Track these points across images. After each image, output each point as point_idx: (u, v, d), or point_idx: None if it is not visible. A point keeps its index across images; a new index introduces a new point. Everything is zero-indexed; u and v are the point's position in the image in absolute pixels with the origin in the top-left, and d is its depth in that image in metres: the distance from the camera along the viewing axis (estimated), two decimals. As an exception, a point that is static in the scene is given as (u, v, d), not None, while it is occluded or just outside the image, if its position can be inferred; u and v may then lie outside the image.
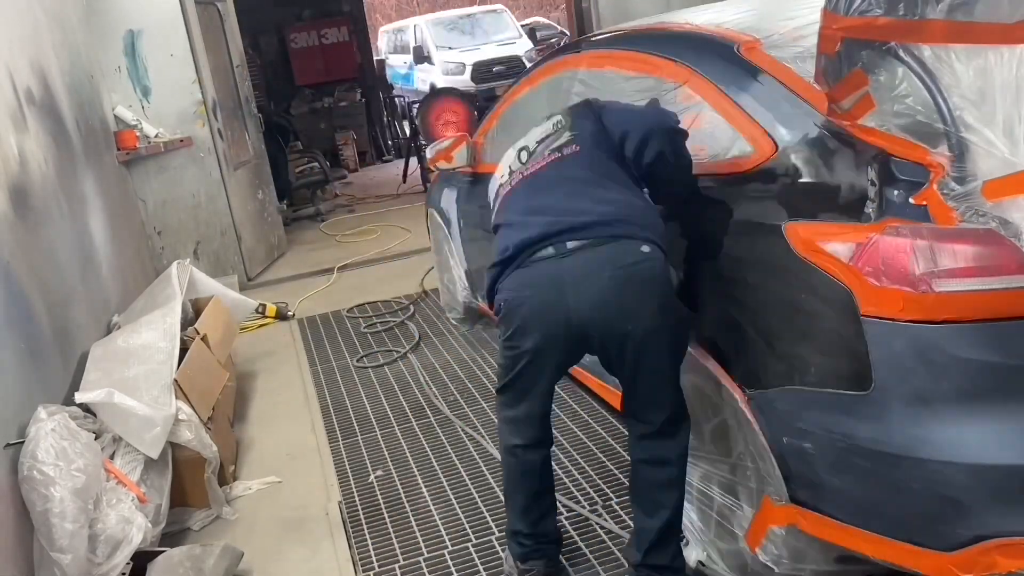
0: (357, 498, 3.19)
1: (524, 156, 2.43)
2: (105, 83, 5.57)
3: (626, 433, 3.27)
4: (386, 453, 3.50)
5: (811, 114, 1.97)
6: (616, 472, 3.04)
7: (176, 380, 3.20)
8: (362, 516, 3.06)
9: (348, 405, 4.05)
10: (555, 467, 3.11)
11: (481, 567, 2.65)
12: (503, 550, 2.70)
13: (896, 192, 1.72)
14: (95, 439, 2.79)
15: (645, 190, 2.33)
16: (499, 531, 2.81)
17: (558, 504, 2.89)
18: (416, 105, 10.05)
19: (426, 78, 14.59)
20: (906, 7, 1.59)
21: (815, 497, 1.92)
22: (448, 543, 2.81)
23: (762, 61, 2.20)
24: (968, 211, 1.62)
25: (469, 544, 2.78)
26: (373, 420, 3.84)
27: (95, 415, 2.96)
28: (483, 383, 4.02)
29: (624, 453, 3.16)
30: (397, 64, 16.25)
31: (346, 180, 10.41)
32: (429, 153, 4.22)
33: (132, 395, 2.97)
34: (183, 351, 3.46)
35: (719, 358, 2.17)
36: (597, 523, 2.76)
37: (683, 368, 2.34)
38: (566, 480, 3.05)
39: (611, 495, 2.91)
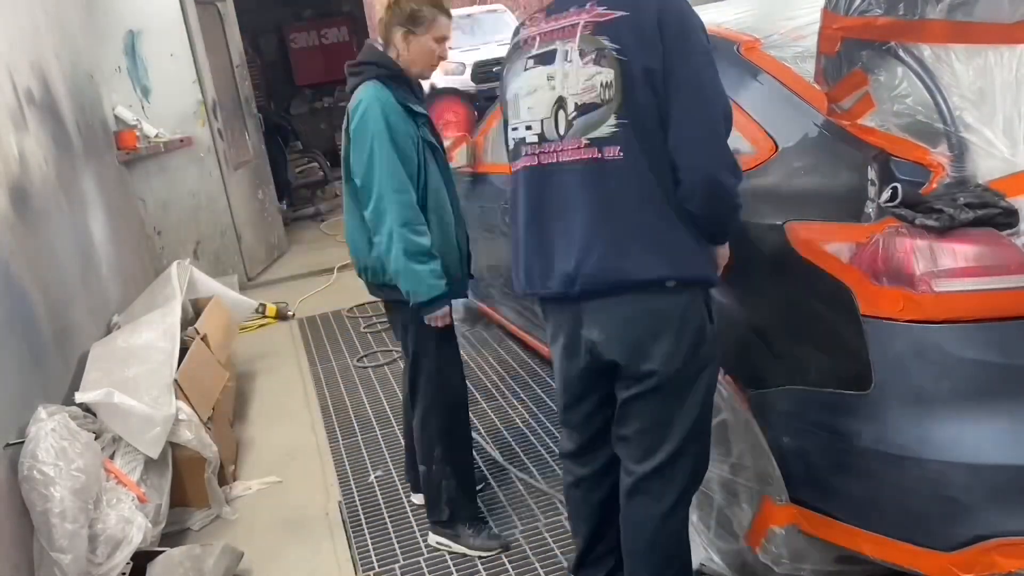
0: (357, 498, 3.18)
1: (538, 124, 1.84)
2: (105, 83, 5.57)
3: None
4: (386, 453, 3.50)
5: (811, 114, 1.97)
6: (616, 472, 3.04)
7: (176, 380, 3.20)
8: (362, 516, 3.06)
9: (348, 405, 4.04)
10: (551, 463, 3.13)
11: (481, 567, 2.65)
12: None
13: (896, 192, 1.72)
14: (95, 439, 2.79)
15: None
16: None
17: (557, 504, 2.90)
18: (416, 105, 10.03)
19: (426, 78, 14.57)
20: (906, 7, 1.59)
21: (815, 497, 1.92)
22: (448, 543, 2.81)
23: (762, 61, 2.20)
24: (968, 211, 1.62)
25: (469, 544, 2.78)
26: (373, 420, 3.84)
27: (95, 415, 2.96)
28: (483, 383, 4.02)
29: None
30: (397, 64, 16.21)
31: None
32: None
33: (132, 395, 2.97)
34: (183, 351, 3.46)
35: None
36: (597, 523, 2.75)
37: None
38: (566, 480, 3.05)
39: (611, 495, 2.90)
